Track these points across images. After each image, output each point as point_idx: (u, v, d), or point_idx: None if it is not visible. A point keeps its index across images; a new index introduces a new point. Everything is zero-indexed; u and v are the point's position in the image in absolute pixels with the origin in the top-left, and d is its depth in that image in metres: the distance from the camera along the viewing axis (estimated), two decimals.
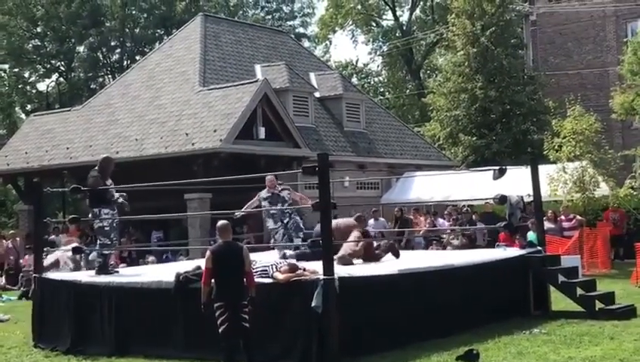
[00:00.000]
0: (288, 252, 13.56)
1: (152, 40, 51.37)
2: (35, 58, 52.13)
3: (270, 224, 14.41)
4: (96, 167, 12.53)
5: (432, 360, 9.72)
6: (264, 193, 14.26)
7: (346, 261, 11.90)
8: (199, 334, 10.49)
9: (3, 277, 23.10)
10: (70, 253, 16.42)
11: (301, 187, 20.76)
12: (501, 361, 9.46)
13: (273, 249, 14.68)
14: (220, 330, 9.14)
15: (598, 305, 13.00)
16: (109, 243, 12.34)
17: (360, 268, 11.39)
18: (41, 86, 52.81)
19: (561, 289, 13.38)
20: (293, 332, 9.77)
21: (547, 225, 19.07)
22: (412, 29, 54.55)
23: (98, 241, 12.39)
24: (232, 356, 9.24)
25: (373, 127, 30.69)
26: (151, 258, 20.72)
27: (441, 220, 23.18)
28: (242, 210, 14.36)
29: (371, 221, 23.85)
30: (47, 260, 16.15)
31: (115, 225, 12.41)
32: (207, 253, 9.37)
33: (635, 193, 24.41)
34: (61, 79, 52.64)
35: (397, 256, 13.14)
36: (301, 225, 14.47)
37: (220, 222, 9.65)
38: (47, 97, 47.74)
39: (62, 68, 53.43)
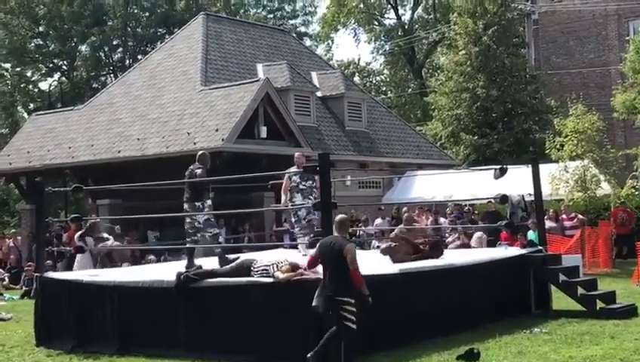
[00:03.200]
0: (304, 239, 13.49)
1: (153, 39, 51.41)
2: (38, 57, 52.20)
3: (298, 199, 13.76)
4: (197, 162, 12.64)
5: (432, 359, 9.74)
6: (293, 169, 13.92)
7: (388, 251, 11.81)
8: (201, 334, 10.52)
9: (6, 276, 23.12)
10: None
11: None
12: (502, 360, 9.47)
13: (293, 228, 14.51)
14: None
15: (599, 304, 13.00)
16: (217, 231, 12.63)
17: (361, 267, 11.37)
18: (44, 85, 52.93)
19: (561, 288, 13.38)
20: (294, 332, 9.78)
21: (548, 224, 19.09)
22: (414, 28, 54.52)
23: (207, 233, 12.46)
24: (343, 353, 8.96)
25: (374, 126, 30.69)
26: (151, 257, 20.74)
27: (442, 219, 23.18)
28: (283, 197, 14.05)
29: (378, 220, 23.94)
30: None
31: (212, 218, 12.64)
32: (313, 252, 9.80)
33: (636, 192, 24.41)
34: (63, 78, 52.69)
35: (439, 254, 12.98)
36: None
37: (339, 216, 9.65)
38: (49, 96, 47.78)
39: (64, 67, 53.49)
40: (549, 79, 36.59)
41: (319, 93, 29.32)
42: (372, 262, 12.70)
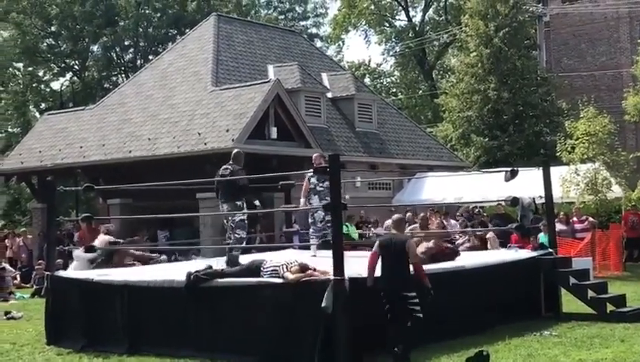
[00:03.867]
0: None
1: (165, 39, 51.54)
2: (49, 57, 52.39)
3: (315, 201, 13.74)
4: (232, 161, 12.72)
5: (441, 361, 9.72)
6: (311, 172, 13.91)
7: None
8: (211, 334, 10.54)
9: (17, 275, 23.22)
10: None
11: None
12: None
13: (309, 228, 14.54)
14: (387, 319, 9.70)
15: (610, 307, 12.98)
16: (245, 236, 12.67)
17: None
18: (55, 85, 53.13)
19: (572, 291, 13.36)
20: (303, 333, 9.79)
21: (559, 226, 19.05)
22: (425, 30, 54.49)
23: (235, 235, 12.51)
24: (394, 343, 9.57)
25: (385, 127, 30.68)
26: (162, 257, 20.77)
27: (452, 221, 23.15)
28: (302, 199, 14.07)
29: (388, 221, 23.89)
30: None
31: (246, 221, 12.71)
32: (376, 245, 10.05)
33: None
34: (75, 78, 52.89)
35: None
36: None
37: (395, 216, 10.56)
38: (61, 96, 47.96)
39: (76, 67, 53.68)
40: (561, 81, 36.51)
41: (330, 95, 29.33)
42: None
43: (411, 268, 9.81)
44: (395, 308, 9.67)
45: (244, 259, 11.82)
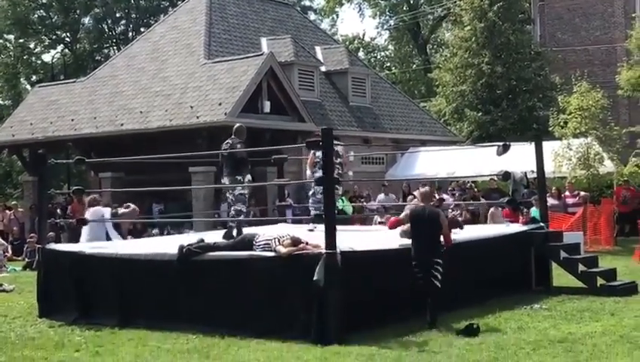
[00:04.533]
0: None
1: (157, 11, 51.21)
2: (41, 29, 52.04)
3: (318, 175, 13.21)
4: (234, 135, 12.66)
5: (433, 334, 9.77)
6: None
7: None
8: (203, 307, 10.56)
9: (9, 248, 23.21)
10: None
11: (305, 161, 20.77)
12: (501, 336, 9.51)
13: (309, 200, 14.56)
14: (416, 284, 10.25)
15: (600, 281, 13.03)
16: (245, 210, 12.75)
17: (363, 242, 11.41)
18: (46, 57, 52.85)
19: (562, 265, 13.40)
20: (295, 306, 9.82)
21: (551, 201, 19.09)
22: (419, 3, 54.21)
23: (234, 207, 12.57)
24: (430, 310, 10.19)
25: (378, 101, 30.62)
26: (155, 230, 20.79)
27: (445, 196, 23.18)
28: (308, 171, 14.02)
29: (381, 196, 23.94)
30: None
31: (246, 195, 12.79)
32: (407, 211, 10.97)
33: None
34: (66, 50, 52.55)
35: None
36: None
37: (423, 189, 11.45)
38: (52, 68, 47.68)
39: (67, 39, 53.34)
40: (554, 56, 36.40)
41: (323, 68, 29.23)
42: (373, 238, 12.75)
43: (442, 238, 10.50)
44: (427, 275, 10.20)
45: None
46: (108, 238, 13.58)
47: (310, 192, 14.41)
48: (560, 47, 37.87)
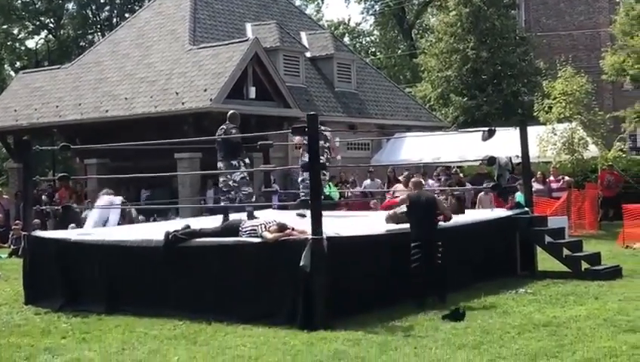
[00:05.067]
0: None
1: None
2: (24, 15, 51.62)
3: (307, 158, 13.10)
4: (228, 121, 12.77)
5: (419, 318, 9.83)
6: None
7: (397, 219, 11.94)
8: (189, 293, 10.57)
9: None
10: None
11: (291, 147, 20.80)
12: (487, 320, 9.57)
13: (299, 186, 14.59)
14: (411, 266, 10.58)
15: (584, 265, 13.13)
16: (252, 191, 13.00)
17: (349, 228, 11.45)
18: (30, 43, 52.48)
19: (547, 249, 13.49)
20: (281, 292, 9.86)
21: (536, 186, 19.19)
22: None
23: (242, 192, 12.76)
24: (420, 292, 10.62)
25: (364, 87, 30.60)
26: (141, 217, 20.75)
27: (430, 181, 23.25)
28: (301, 153, 14.00)
29: (367, 181, 23.97)
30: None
31: (247, 177, 12.99)
32: (404, 197, 11.57)
33: (624, 155, 24.52)
34: (50, 36, 52.19)
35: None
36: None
37: (415, 178, 12.35)
38: (36, 55, 47.38)
39: (51, 25, 52.97)
40: (539, 41, 36.51)
41: (308, 54, 29.17)
42: (359, 224, 12.79)
43: (440, 218, 11.14)
44: (429, 255, 10.63)
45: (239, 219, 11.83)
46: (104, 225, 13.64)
47: (300, 178, 14.38)
48: (545, 32, 38.00)
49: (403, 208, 11.42)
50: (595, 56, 33.65)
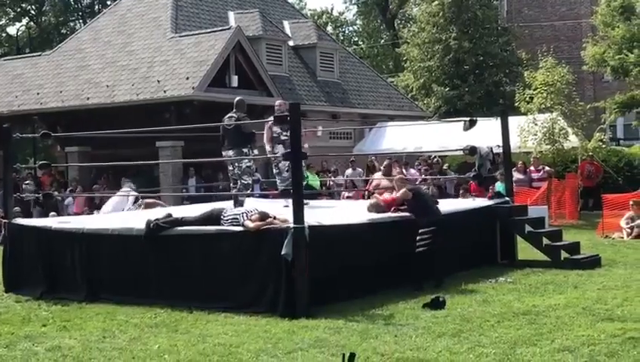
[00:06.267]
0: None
1: None
2: (5, 1, 51.10)
3: (280, 150, 13.03)
4: (235, 109, 12.84)
5: (399, 307, 9.88)
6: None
7: (379, 208, 11.96)
8: (171, 281, 10.57)
9: None
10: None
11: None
12: (467, 309, 9.64)
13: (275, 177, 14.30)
14: (418, 251, 11.07)
15: (564, 254, 13.24)
16: (251, 182, 13.09)
17: (330, 217, 11.48)
18: (11, 30, 51.97)
19: (527, 238, 13.59)
20: (263, 280, 9.88)
21: (516, 175, 19.31)
22: None
23: (241, 181, 12.85)
24: (420, 276, 11.11)
25: (346, 76, 30.60)
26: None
27: (412, 170, 23.32)
28: (267, 147, 13.61)
29: (349, 170, 24.01)
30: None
31: (253, 166, 13.15)
32: (405, 190, 11.72)
33: (604, 146, 24.69)
34: (31, 23, 51.76)
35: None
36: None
37: (398, 176, 12.89)
38: (17, 41, 46.97)
39: (32, 12, 52.50)
40: (521, 31, 36.65)
41: (291, 43, 29.12)
42: (340, 212, 12.83)
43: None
44: (436, 241, 11.17)
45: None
46: None
47: (275, 171, 14.11)
48: (526, 23, 38.15)
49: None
50: (577, 47, 33.83)
